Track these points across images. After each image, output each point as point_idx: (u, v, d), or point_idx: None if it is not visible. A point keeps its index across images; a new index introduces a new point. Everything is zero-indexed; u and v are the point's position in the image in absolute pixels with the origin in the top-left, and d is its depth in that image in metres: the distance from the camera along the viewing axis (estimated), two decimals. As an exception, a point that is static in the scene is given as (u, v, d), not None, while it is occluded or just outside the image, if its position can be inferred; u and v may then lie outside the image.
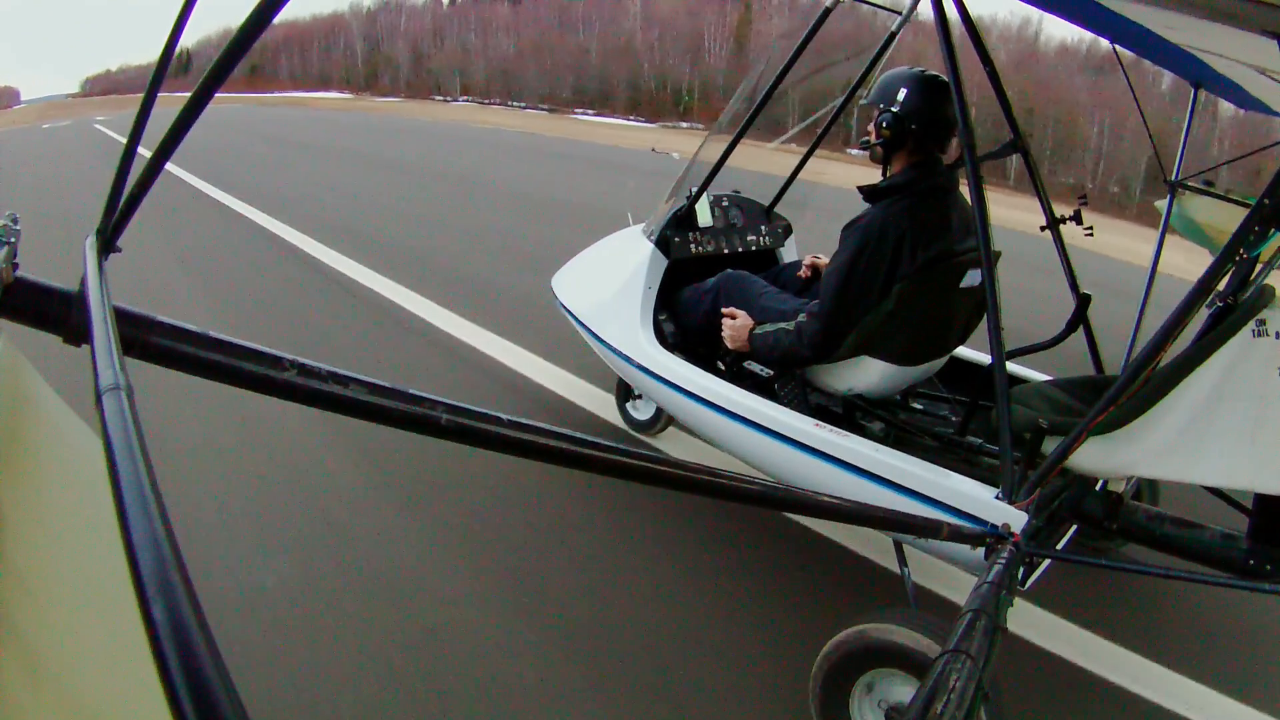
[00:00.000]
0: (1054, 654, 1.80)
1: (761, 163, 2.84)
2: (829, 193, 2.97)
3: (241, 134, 15.21)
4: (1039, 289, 2.19)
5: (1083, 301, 2.10)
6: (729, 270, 2.27)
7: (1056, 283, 2.19)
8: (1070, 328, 2.13)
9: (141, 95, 0.71)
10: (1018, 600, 1.48)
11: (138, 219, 0.65)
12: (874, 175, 1.92)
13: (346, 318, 3.99)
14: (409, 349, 3.56)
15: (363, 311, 4.08)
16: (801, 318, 1.87)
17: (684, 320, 2.32)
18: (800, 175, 2.71)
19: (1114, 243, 7.06)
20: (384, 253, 5.22)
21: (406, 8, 35.54)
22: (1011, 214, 2.31)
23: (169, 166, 0.75)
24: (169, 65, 0.70)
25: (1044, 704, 1.66)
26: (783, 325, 1.92)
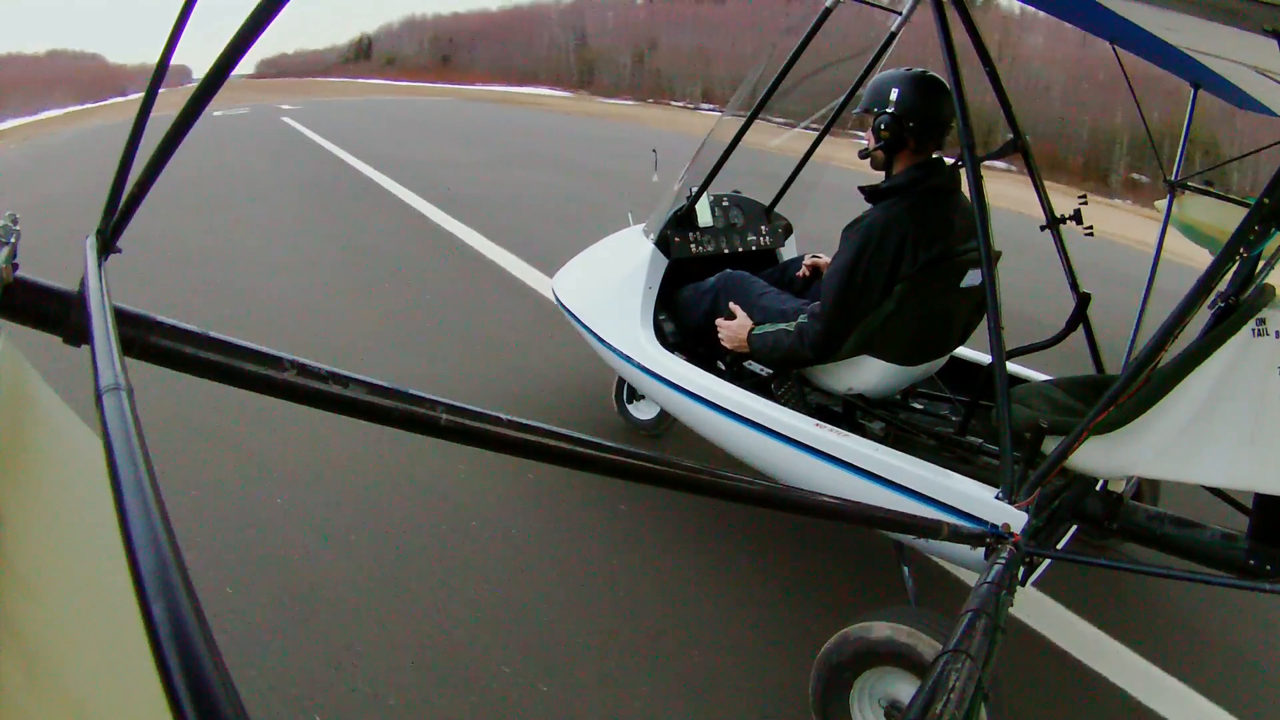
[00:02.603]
0: (1057, 647, 1.80)
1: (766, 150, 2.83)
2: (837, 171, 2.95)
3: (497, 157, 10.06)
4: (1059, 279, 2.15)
5: (1082, 300, 2.09)
6: (729, 270, 2.27)
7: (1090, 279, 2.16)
8: (1070, 326, 2.13)
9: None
10: (1023, 594, 1.48)
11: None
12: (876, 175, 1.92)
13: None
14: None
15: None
16: (802, 318, 1.87)
17: (684, 320, 2.32)
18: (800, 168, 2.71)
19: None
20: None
21: (613, 2, 32.34)
22: (1030, 194, 2.28)
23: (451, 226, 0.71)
24: (169, 65, 0.70)
25: (1044, 701, 1.66)
26: (783, 326, 1.92)
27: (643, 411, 2.74)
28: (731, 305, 2.11)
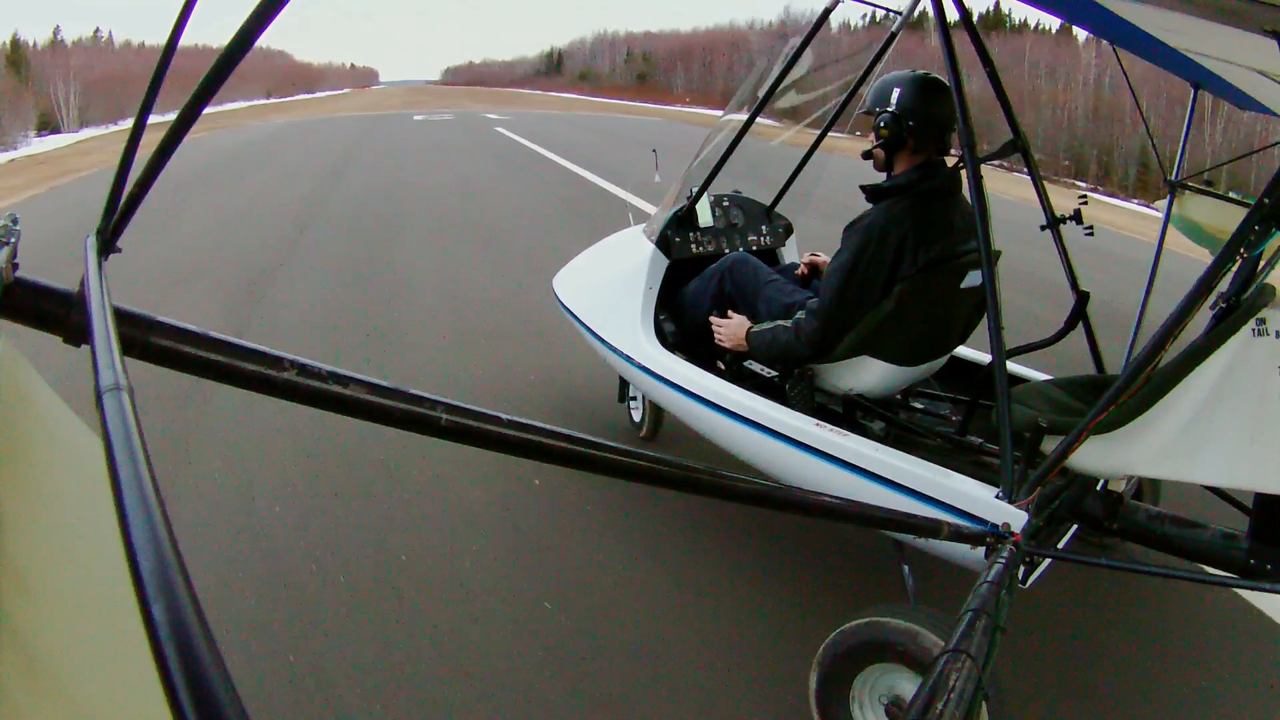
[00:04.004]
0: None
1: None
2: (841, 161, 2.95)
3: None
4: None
5: (1081, 299, 2.09)
6: (735, 253, 2.27)
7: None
8: (1069, 325, 2.12)
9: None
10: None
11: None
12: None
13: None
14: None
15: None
16: (800, 315, 1.87)
17: (687, 314, 2.33)
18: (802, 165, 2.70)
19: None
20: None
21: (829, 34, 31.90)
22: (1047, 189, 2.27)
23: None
24: (169, 65, 0.70)
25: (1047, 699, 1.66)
26: (781, 323, 1.92)
27: (635, 413, 2.75)
28: (723, 316, 2.12)
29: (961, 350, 2.18)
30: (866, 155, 1.90)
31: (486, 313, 4.11)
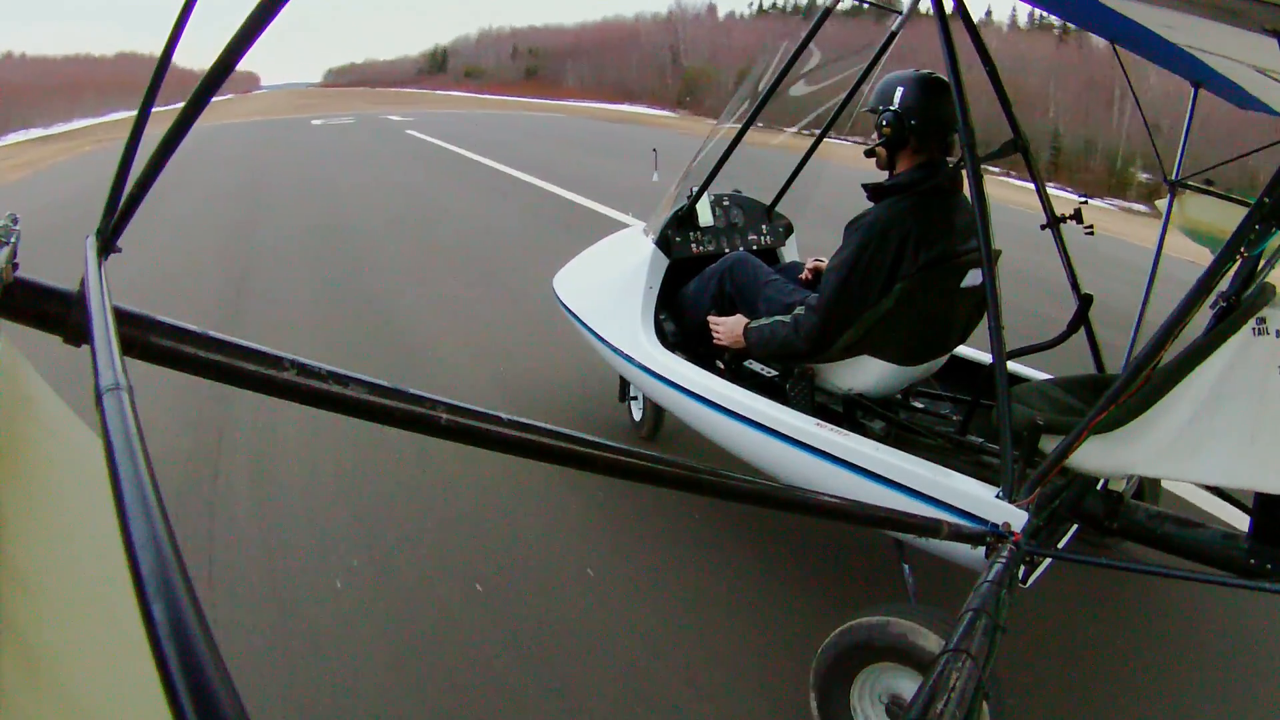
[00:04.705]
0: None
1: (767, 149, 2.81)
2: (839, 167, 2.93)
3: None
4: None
5: (1084, 302, 2.09)
6: (736, 253, 2.27)
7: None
8: (1072, 328, 2.12)
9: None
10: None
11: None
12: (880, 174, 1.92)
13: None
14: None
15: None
16: (799, 311, 1.88)
17: (687, 314, 2.33)
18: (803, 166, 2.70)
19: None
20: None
21: (706, 19, 29.22)
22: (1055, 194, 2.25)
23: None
24: (169, 65, 0.70)
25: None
26: (779, 318, 1.92)
27: (634, 412, 2.75)
28: (724, 315, 2.12)
29: (962, 350, 2.18)
30: (869, 153, 1.90)
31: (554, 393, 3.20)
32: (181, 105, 0.62)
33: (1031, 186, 2.21)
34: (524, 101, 27.85)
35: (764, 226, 2.68)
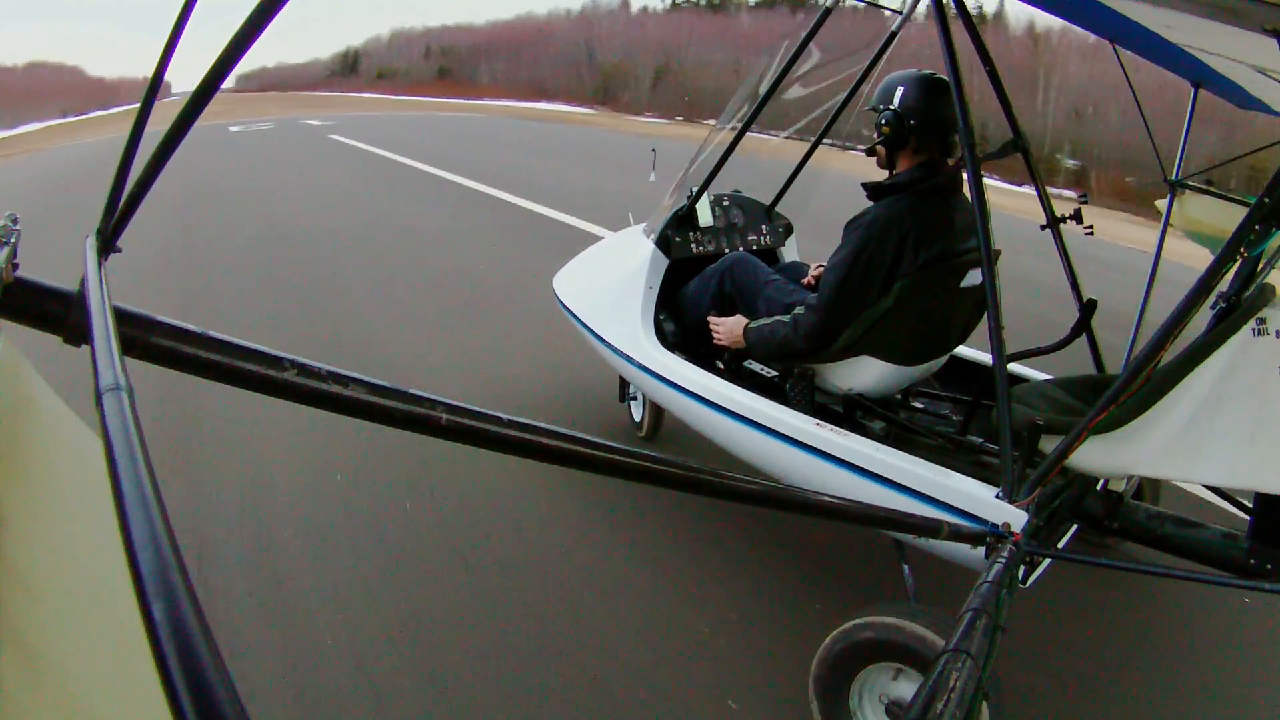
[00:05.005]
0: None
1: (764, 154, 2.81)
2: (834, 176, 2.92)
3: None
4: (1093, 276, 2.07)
5: (1087, 307, 2.08)
6: (738, 252, 2.27)
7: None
8: (1074, 333, 2.11)
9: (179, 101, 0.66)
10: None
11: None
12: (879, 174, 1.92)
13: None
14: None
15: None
16: (799, 310, 1.88)
17: (688, 313, 2.33)
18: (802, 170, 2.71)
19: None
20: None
21: (621, 15, 28.70)
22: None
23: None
24: (168, 65, 0.70)
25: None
26: (779, 318, 1.93)
27: (634, 412, 2.75)
28: (724, 315, 2.12)
29: (962, 350, 2.18)
30: (870, 152, 1.90)
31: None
32: (181, 106, 0.62)
33: (1021, 189, 2.21)
34: (440, 102, 27.30)
35: (764, 226, 2.68)
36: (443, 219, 6.64)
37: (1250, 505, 1.57)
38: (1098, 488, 1.73)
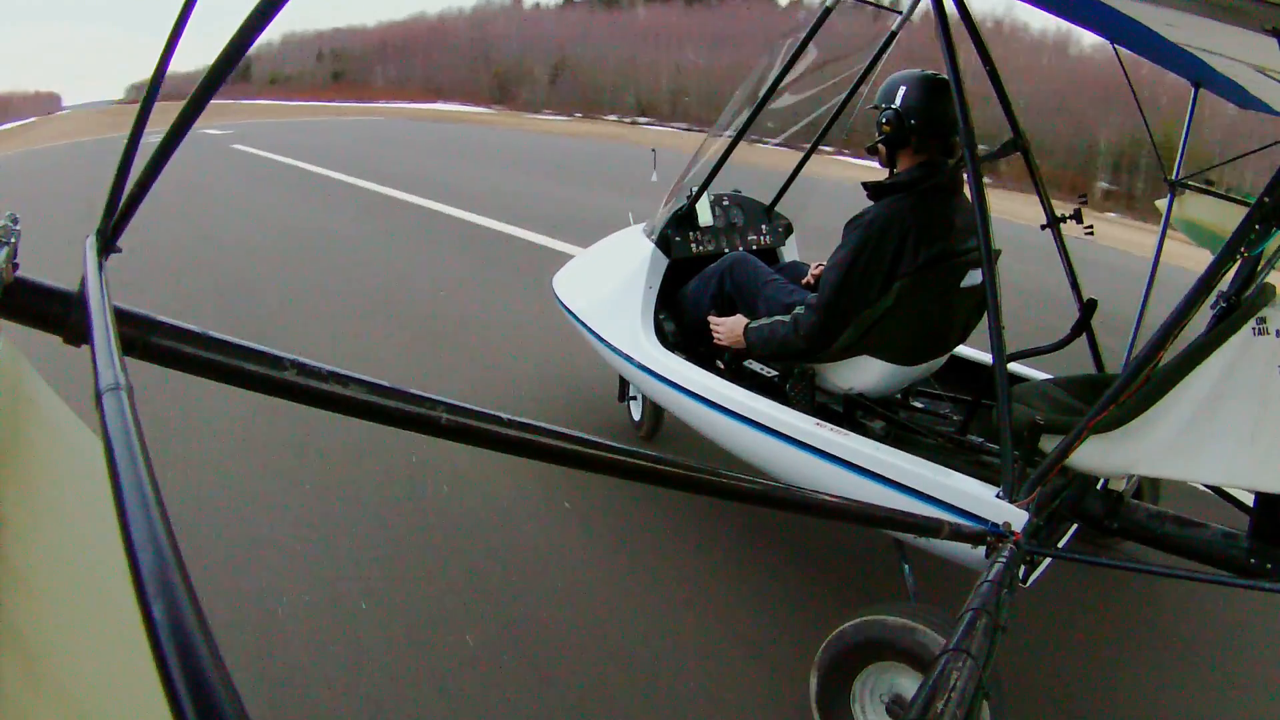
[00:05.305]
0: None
1: (761, 160, 2.81)
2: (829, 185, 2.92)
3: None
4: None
5: (1088, 307, 2.08)
6: (738, 252, 2.27)
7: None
8: (1075, 333, 2.12)
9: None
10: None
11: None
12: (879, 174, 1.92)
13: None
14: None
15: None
16: (799, 310, 1.88)
17: (688, 312, 2.33)
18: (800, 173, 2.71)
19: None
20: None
21: (514, 14, 28.53)
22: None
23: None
24: (169, 65, 0.70)
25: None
26: (779, 317, 1.93)
27: (634, 412, 2.75)
28: (724, 315, 2.12)
29: (962, 350, 2.18)
30: (871, 150, 1.91)
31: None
32: (181, 105, 0.62)
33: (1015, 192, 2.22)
34: (336, 106, 26.29)
35: (764, 226, 2.68)
36: (350, 223, 6.40)
37: (1250, 505, 1.57)
38: (1098, 487, 1.73)
